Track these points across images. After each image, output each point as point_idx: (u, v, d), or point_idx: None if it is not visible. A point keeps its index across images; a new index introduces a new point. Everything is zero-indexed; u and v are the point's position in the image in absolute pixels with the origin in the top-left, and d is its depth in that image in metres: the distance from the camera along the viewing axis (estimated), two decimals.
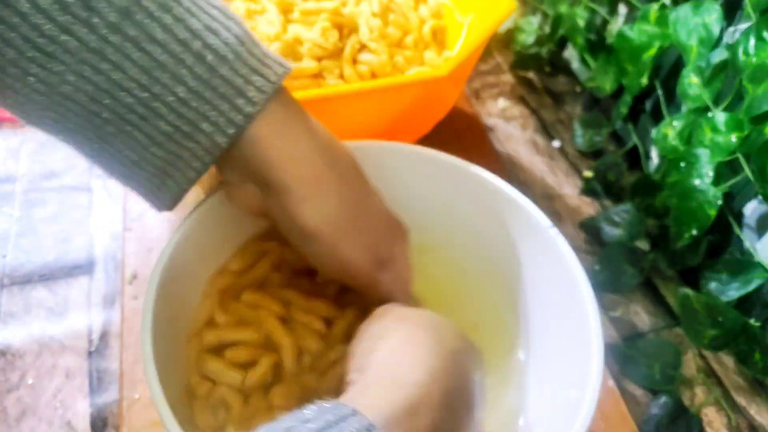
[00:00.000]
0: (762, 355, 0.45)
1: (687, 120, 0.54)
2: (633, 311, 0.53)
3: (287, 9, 0.48)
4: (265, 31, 0.46)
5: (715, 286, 0.49)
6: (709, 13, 0.51)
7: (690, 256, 0.51)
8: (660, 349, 0.49)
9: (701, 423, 0.46)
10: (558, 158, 0.65)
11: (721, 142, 0.48)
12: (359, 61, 0.49)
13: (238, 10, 0.49)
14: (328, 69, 0.47)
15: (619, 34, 0.59)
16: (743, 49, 0.46)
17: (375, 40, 0.49)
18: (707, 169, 0.49)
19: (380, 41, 0.49)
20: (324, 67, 0.47)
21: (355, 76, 0.47)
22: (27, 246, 0.51)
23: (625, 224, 0.56)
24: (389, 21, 0.51)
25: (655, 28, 0.56)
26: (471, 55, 0.44)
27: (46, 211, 0.54)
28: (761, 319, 0.47)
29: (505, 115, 0.69)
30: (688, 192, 0.49)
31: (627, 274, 0.53)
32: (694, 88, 0.52)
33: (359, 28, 0.49)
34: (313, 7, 0.48)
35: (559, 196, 0.61)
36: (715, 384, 0.49)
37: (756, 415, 0.47)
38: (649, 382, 0.48)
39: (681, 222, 0.50)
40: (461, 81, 0.55)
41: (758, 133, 0.45)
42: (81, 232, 0.52)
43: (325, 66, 0.47)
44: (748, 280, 0.48)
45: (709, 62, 0.51)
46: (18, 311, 0.47)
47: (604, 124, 0.66)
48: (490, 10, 0.50)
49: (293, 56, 0.46)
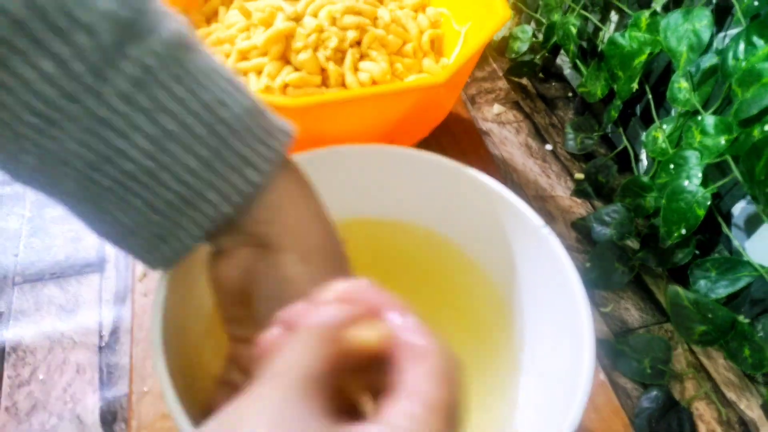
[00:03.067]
0: (751, 351, 0.46)
1: (676, 123, 0.55)
2: (623, 308, 0.54)
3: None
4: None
5: (704, 283, 0.50)
6: (700, 19, 0.52)
7: (679, 255, 0.52)
8: (650, 344, 0.50)
9: (692, 416, 0.47)
10: (551, 161, 0.66)
11: (710, 145, 0.49)
12: (360, 69, 0.50)
13: (237, 23, 0.51)
14: (333, 77, 0.48)
15: (610, 41, 0.60)
16: (733, 53, 0.47)
17: (375, 48, 0.51)
18: (696, 170, 0.50)
19: (381, 50, 0.51)
20: (327, 75, 0.49)
21: (357, 83, 0.49)
22: (38, 245, 0.52)
23: (615, 224, 0.57)
24: (390, 30, 0.53)
25: (646, 35, 0.57)
26: (467, 62, 0.45)
27: (56, 211, 0.55)
28: (750, 316, 0.48)
29: (500, 120, 0.70)
30: (677, 193, 0.50)
31: (617, 272, 0.54)
32: (684, 93, 0.53)
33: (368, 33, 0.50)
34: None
35: (551, 197, 0.62)
36: (705, 378, 0.50)
37: (746, 409, 0.48)
38: (640, 376, 0.49)
39: (670, 222, 0.51)
40: (458, 87, 0.56)
41: (747, 135, 0.46)
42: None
43: (328, 74, 0.49)
44: (737, 278, 0.49)
45: (698, 67, 0.52)
46: (29, 308, 0.49)
47: (596, 128, 0.67)
48: (485, 19, 0.51)
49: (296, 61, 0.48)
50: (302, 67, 0.48)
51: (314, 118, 0.41)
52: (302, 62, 0.48)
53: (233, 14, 0.51)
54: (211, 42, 0.52)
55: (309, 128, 0.43)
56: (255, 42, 0.48)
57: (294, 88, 0.48)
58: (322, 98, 0.40)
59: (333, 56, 0.48)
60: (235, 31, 0.50)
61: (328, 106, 0.40)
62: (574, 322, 0.38)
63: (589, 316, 0.37)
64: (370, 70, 0.49)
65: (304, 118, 0.41)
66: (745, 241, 0.50)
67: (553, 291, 0.40)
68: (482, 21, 0.53)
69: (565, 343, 0.38)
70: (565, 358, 0.38)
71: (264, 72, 0.48)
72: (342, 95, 0.41)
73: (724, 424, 0.47)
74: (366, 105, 0.43)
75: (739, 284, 0.48)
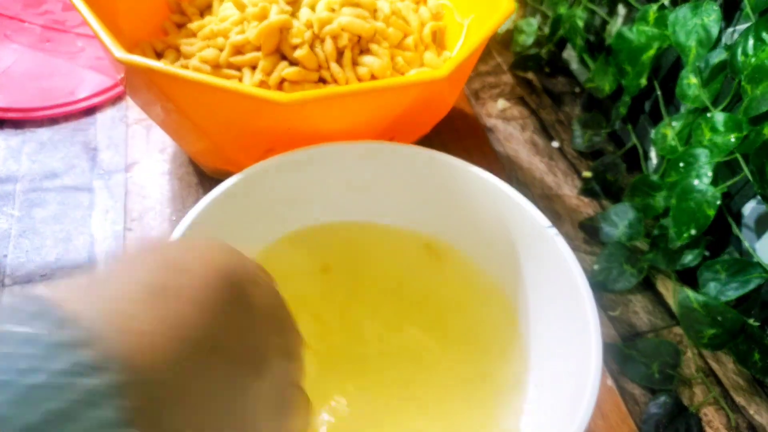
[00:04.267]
0: (761, 355, 0.45)
1: (686, 120, 0.54)
2: (632, 311, 0.53)
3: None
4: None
5: (714, 285, 0.49)
6: (708, 13, 0.51)
7: (689, 256, 0.51)
8: (659, 348, 0.49)
9: (700, 422, 0.46)
10: (557, 158, 0.65)
11: (719, 143, 0.48)
12: (361, 63, 0.49)
13: (231, 15, 0.49)
14: (331, 72, 0.47)
15: (618, 35, 0.59)
16: (742, 49, 0.46)
17: (376, 41, 0.49)
18: (706, 169, 0.49)
19: (382, 43, 0.49)
20: (324, 74, 0.47)
21: (355, 78, 0.48)
22: (28, 246, 0.51)
23: (623, 224, 0.56)
24: (390, 23, 0.51)
25: (654, 29, 0.56)
26: (470, 56, 0.44)
27: (46, 211, 0.54)
28: (760, 319, 0.47)
29: (505, 116, 0.69)
30: (687, 192, 0.49)
31: (626, 274, 0.53)
32: (693, 89, 0.52)
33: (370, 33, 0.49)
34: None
35: (558, 196, 0.61)
36: (714, 383, 0.49)
37: (755, 414, 0.47)
38: (648, 382, 0.48)
39: (680, 222, 0.50)
40: (461, 82, 0.55)
41: (757, 133, 0.45)
42: (82, 232, 0.52)
43: (324, 74, 0.47)
44: (747, 280, 0.48)
45: (707, 63, 0.51)
46: None
47: (603, 124, 0.66)
48: (489, 11, 0.50)
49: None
50: (299, 62, 0.47)
51: (310, 114, 0.40)
52: (299, 57, 0.47)
53: (227, 6, 0.50)
54: (204, 35, 0.51)
55: (305, 125, 0.42)
56: (248, 36, 0.47)
57: (291, 84, 0.47)
58: (318, 93, 0.39)
59: (331, 52, 0.47)
60: (229, 24, 0.48)
61: (325, 101, 0.39)
62: (582, 325, 0.37)
63: (596, 320, 0.36)
64: (371, 64, 0.48)
65: (299, 114, 0.40)
66: (756, 242, 0.49)
67: (560, 294, 0.39)
68: (486, 13, 0.52)
69: (572, 347, 0.37)
70: (571, 363, 0.37)
71: (259, 67, 0.47)
72: (339, 90, 0.39)
73: (733, 431, 0.46)
74: (365, 100, 0.41)
75: (750, 286, 0.48)
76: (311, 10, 0.48)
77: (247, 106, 0.40)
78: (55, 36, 0.72)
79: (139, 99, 0.49)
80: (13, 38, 0.71)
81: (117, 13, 0.49)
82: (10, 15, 0.74)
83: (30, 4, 0.76)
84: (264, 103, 0.38)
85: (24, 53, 0.69)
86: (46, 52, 0.69)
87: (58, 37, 0.72)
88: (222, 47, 0.48)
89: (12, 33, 0.71)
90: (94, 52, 0.70)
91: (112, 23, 0.44)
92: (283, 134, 0.41)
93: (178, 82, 0.39)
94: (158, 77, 0.40)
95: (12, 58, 0.68)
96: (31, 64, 0.68)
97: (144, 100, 0.48)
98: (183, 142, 0.53)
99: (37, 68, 0.67)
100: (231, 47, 0.48)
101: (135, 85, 0.45)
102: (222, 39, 0.49)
